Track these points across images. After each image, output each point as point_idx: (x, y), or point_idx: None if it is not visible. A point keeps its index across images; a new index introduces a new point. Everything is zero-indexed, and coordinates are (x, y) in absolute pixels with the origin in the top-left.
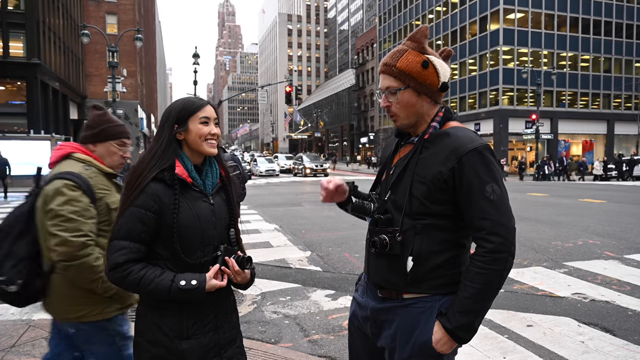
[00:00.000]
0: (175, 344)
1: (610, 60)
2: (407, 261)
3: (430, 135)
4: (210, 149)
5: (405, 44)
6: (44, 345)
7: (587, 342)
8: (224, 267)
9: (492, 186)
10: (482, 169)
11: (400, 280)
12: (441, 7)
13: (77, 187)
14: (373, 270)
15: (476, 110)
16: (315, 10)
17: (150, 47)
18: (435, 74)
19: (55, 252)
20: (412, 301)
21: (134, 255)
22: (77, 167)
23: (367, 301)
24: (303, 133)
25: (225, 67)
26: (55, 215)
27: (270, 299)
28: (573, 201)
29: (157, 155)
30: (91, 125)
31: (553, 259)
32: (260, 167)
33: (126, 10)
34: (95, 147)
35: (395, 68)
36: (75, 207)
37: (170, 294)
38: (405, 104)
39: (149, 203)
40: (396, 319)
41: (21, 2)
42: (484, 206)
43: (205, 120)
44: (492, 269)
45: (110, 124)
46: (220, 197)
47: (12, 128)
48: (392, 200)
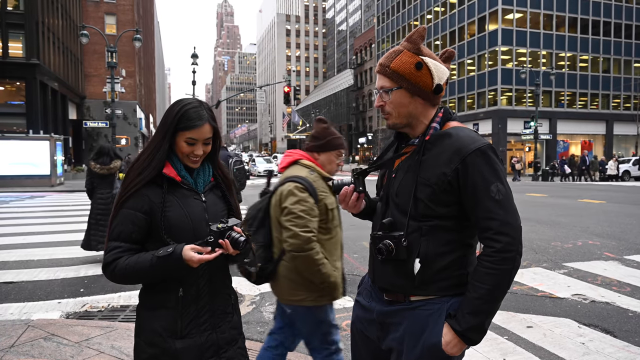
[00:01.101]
0: (169, 344)
1: (609, 60)
2: (415, 263)
3: (431, 137)
4: (191, 164)
5: (401, 45)
6: (42, 345)
7: (588, 343)
8: (218, 249)
9: (497, 185)
10: (486, 169)
11: (407, 283)
12: (439, 7)
13: (305, 189)
14: (379, 274)
15: (475, 110)
16: (314, 10)
17: (149, 48)
18: (429, 75)
19: (287, 242)
20: (420, 303)
21: (123, 255)
22: (304, 172)
23: (372, 305)
24: (301, 133)
25: (223, 67)
26: (289, 212)
27: (269, 299)
28: (572, 202)
29: (154, 157)
30: (317, 137)
31: (553, 260)
32: (258, 167)
33: (125, 10)
34: (319, 156)
35: (388, 69)
36: (304, 207)
37: (153, 267)
38: (397, 103)
39: (139, 204)
40: (404, 322)
41: (20, 3)
42: (490, 206)
43: (191, 142)
44: (501, 268)
45: (333, 136)
46: (215, 194)
47: (11, 128)
48: (396, 203)
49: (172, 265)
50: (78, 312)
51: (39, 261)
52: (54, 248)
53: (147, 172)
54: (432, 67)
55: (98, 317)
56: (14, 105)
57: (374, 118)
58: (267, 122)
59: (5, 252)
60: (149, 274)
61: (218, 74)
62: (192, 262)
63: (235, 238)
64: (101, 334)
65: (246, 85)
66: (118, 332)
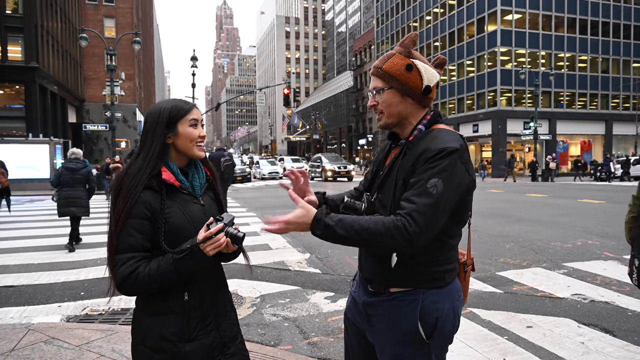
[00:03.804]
0: (178, 348)
1: (608, 60)
2: (392, 257)
3: (414, 138)
4: (200, 152)
5: (394, 49)
6: (43, 349)
7: (587, 343)
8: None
9: (438, 182)
10: (440, 166)
11: (387, 275)
12: (439, 8)
13: None
14: (364, 265)
15: (474, 111)
16: (313, 12)
17: (149, 50)
18: (419, 77)
19: None
20: (398, 294)
21: (140, 264)
22: None
23: (359, 295)
24: (301, 135)
25: (223, 69)
26: None
27: (270, 301)
28: (572, 202)
29: (145, 163)
30: None
31: (552, 260)
32: (263, 170)
33: (124, 13)
34: None
35: (381, 70)
36: None
37: (177, 270)
38: (388, 103)
39: (142, 212)
40: (385, 313)
41: (19, 6)
42: (418, 192)
43: (194, 123)
44: (388, 229)
45: None
46: (209, 197)
47: (11, 132)
48: (380, 200)
49: (194, 260)
50: (78, 316)
51: (39, 265)
52: (54, 252)
53: (152, 169)
54: (422, 69)
55: (98, 320)
56: (13, 109)
57: (373, 120)
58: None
59: (6, 255)
60: (173, 278)
61: (218, 76)
62: (209, 248)
63: (234, 234)
64: (102, 337)
65: (246, 88)
66: (119, 335)
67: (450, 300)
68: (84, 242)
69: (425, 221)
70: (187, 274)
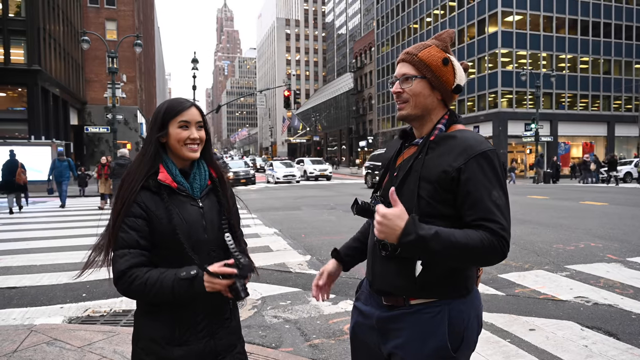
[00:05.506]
0: (166, 351)
1: (610, 61)
2: (417, 265)
3: (436, 137)
4: (190, 153)
5: (430, 41)
6: (45, 350)
7: (591, 346)
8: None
9: (498, 191)
10: (489, 172)
11: (409, 285)
12: (439, 10)
13: None
14: (379, 275)
15: (475, 113)
16: (313, 14)
17: (150, 53)
18: (453, 73)
19: None
20: (421, 307)
21: (136, 260)
22: None
23: (371, 310)
24: (302, 137)
25: (223, 71)
26: None
27: (271, 303)
28: (574, 204)
29: (142, 164)
30: None
31: (555, 262)
32: (277, 173)
33: (125, 16)
34: None
35: (416, 57)
36: None
37: (174, 290)
38: (417, 92)
39: (136, 211)
40: (406, 327)
41: (22, 9)
42: (491, 208)
43: (184, 124)
44: (488, 244)
45: None
46: (211, 200)
47: (13, 134)
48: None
49: (193, 289)
50: (80, 317)
51: (41, 266)
52: (57, 253)
53: (147, 169)
54: (457, 67)
55: (100, 321)
56: (15, 111)
57: (374, 121)
58: (267, 126)
59: (8, 257)
60: (167, 297)
61: (218, 78)
62: (208, 283)
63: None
64: (103, 338)
65: (246, 90)
66: (120, 337)
67: (475, 308)
68: (87, 243)
69: (508, 235)
70: (180, 298)
